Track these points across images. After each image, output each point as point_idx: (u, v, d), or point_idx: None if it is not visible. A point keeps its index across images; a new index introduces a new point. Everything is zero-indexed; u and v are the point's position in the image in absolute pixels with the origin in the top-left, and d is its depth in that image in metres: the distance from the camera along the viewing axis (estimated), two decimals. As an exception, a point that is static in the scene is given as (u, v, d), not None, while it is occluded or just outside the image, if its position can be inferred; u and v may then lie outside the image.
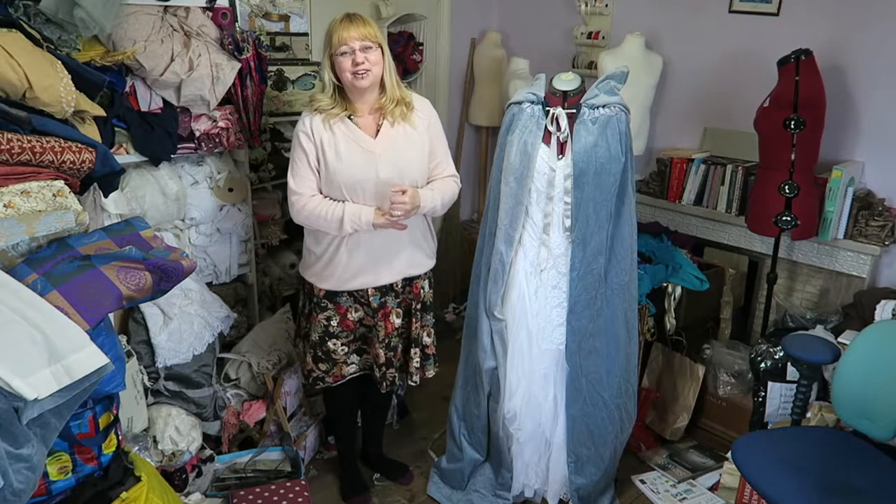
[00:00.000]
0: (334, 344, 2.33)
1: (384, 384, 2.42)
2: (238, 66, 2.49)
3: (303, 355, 2.44)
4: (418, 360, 2.44)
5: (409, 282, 2.36)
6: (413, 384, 2.51)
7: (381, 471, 2.77)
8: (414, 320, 2.40)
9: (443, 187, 2.30)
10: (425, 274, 2.41)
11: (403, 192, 2.11)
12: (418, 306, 2.40)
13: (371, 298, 2.30)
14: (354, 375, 2.44)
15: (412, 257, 2.33)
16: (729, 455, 2.25)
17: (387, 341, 2.35)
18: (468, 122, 4.18)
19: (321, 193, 2.22)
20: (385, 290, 2.31)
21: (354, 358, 2.40)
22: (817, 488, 1.91)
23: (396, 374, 2.44)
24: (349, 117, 2.19)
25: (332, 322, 2.32)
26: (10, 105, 1.59)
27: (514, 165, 2.23)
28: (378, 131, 2.20)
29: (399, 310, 2.36)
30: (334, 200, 2.19)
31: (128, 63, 2.26)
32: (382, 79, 2.18)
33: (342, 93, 2.19)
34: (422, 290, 2.40)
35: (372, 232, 2.20)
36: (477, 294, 2.44)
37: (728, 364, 2.95)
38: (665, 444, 2.98)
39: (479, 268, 2.45)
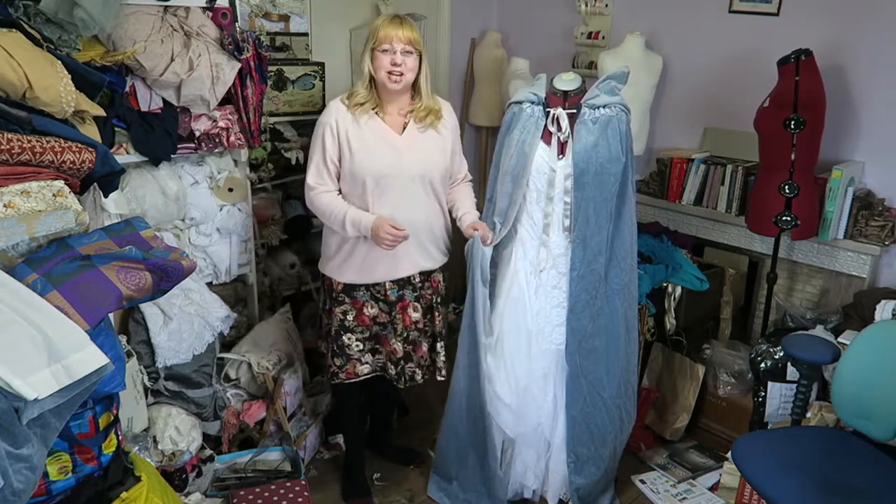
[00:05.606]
0: (349, 338, 2.35)
1: (402, 379, 2.43)
2: (238, 66, 2.49)
3: (327, 354, 2.44)
4: (444, 354, 2.48)
5: (426, 276, 2.39)
6: (441, 378, 2.50)
7: (390, 457, 2.83)
8: (437, 314, 2.44)
9: (470, 196, 2.44)
10: (440, 268, 2.45)
11: (476, 230, 2.24)
12: (438, 300, 2.44)
13: (388, 292, 2.33)
14: (368, 377, 2.43)
15: (427, 250, 2.36)
16: (729, 455, 2.25)
17: (405, 335, 2.38)
18: (468, 122, 4.18)
19: (340, 190, 2.28)
20: (402, 283, 2.35)
21: (368, 357, 2.41)
22: (817, 488, 1.91)
23: (417, 370, 2.44)
24: (376, 113, 2.23)
25: (347, 316, 2.34)
26: (10, 105, 1.58)
27: (511, 165, 2.24)
28: (404, 129, 2.25)
29: (417, 304, 2.38)
30: (353, 198, 2.23)
31: (128, 63, 2.25)
32: (416, 84, 2.24)
33: (375, 88, 2.24)
34: (440, 284, 2.44)
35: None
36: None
37: (728, 364, 2.95)
38: (665, 444, 2.98)
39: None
